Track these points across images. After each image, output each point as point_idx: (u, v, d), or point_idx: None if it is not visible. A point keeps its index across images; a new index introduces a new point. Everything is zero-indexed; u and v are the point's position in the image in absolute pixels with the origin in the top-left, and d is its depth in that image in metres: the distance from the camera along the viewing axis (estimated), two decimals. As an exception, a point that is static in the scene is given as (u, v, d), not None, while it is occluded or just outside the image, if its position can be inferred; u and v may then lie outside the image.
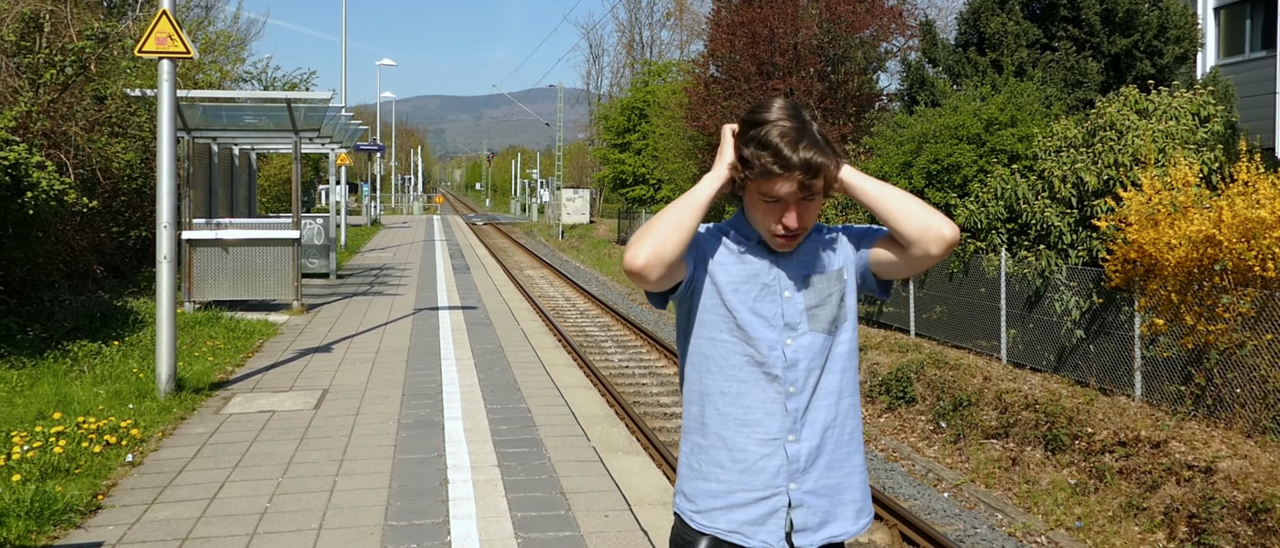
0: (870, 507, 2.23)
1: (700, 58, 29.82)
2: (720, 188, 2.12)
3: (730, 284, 2.17)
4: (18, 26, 12.49)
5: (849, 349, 2.20)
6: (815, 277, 2.17)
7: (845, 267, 2.20)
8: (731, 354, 2.16)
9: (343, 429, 7.29)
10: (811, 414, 2.14)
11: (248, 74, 30.60)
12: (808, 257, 2.19)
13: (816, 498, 2.14)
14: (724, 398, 2.16)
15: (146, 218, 16.11)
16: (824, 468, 2.15)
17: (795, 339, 2.14)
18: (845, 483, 2.18)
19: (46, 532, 5.11)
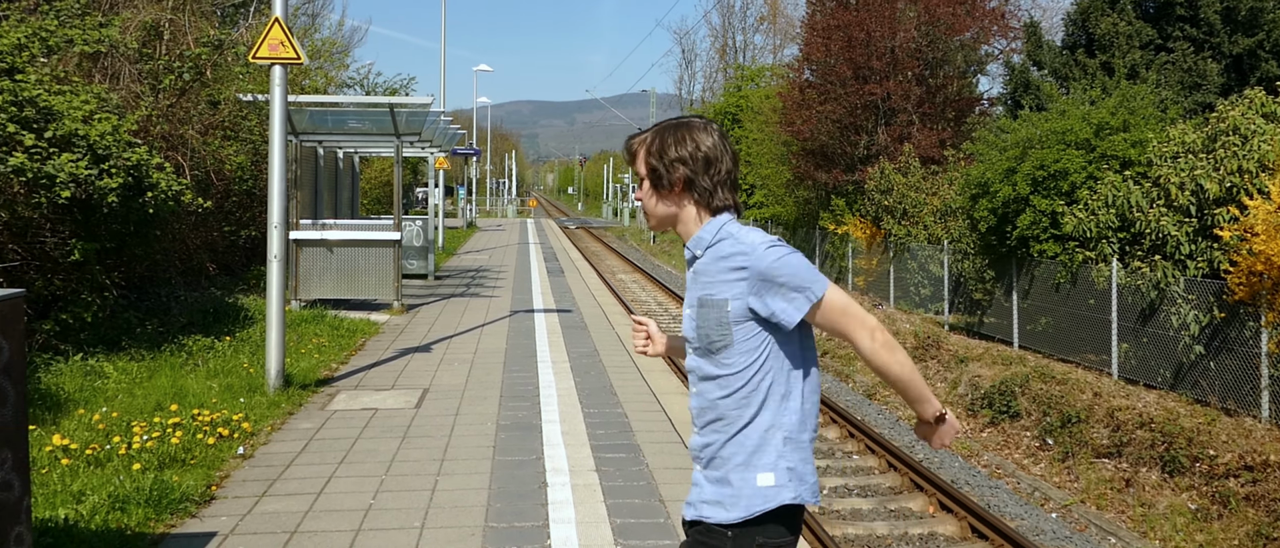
0: (732, 516, 2.33)
1: (795, 62, 29.51)
2: None
3: None
4: (140, 34, 13.06)
5: (744, 379, 2.35)
6: (701, 303, 2.41)
7: (733, 300, 2.34)
8: None
9: (443, 429, 7.38)
10: (698, 419, 2.44)
11: (351, 80, 31.49)
12: (704, 280, 2.40)
13: (697, 488, 2.45)
14: None
15: (256, 218, 16.66)
16: (708, 467, 2.41)
17: (691, 352, 2.46)
18: (720, 491, 2.38)
19: (164, 520, 5.28)
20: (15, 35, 9.18)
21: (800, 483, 2.36)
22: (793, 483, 2.35)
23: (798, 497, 2.35)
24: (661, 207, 2.47)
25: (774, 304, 2.30)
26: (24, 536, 3.92)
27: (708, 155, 2.41)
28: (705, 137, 2.43)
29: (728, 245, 2.37)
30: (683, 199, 2.43)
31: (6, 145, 8.02)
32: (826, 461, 10.35)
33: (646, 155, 2.45)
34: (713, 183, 2.41)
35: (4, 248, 8.59)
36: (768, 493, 2.33)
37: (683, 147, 2.41)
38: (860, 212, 22.37)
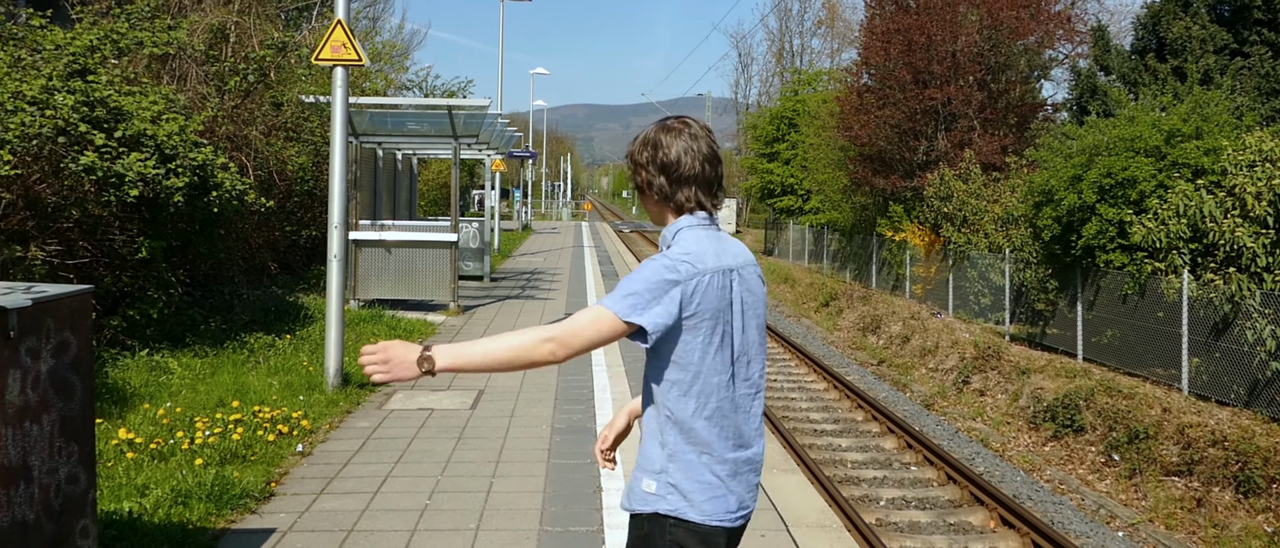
0: (635, 503, 2.46)
1: (853, 66, 29.17)
2: None
3: None
4: (207, 37, 13.32)
5: (656, 374, 2.43)
6: None
7: None
8: None
9: (498, 431, 7.38)
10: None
11: (410, 82, 31.87)
12: None
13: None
14: None
15: (316, 218, 16.91)
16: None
17: None
18: (635, 472, 2.50)
19: (225, 515, 5.34)
20: (87, 37, 9.40)
21: (685, 500, 2.39)
22: (671, 497, 2.41)
23: (676, 511, 2.39)
24: (650, 207, 2.57)
25: None
26: (89, 528, 3.97)
27: (667, 159, 2.47)
28: (674, 141, 2.49)
29: (673, 248, 2.45)
30: (649, 199, 2.55)
31: (78, 145, 8.21)
32: (884, 471, 10.18)
33: (629, 161, 2.57)
34: (673, 185, 2.48)
35: (75, 245, 8.79)
36: (647, 499, 2.43)
37: (646, 151, 2.51)
38: (919, 219, 22.04)
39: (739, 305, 2.45)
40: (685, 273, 2.36)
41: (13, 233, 8.04)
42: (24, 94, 7.76)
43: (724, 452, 2.42)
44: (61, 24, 10.56)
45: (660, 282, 2.34)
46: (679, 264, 2.36)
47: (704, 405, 2.40)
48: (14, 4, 11.50)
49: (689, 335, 2.37)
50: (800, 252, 33.79)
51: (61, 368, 3.69)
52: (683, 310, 2.35)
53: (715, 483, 2.40)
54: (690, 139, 2.49)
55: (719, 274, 2.41)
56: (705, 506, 2.39)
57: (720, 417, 2.41)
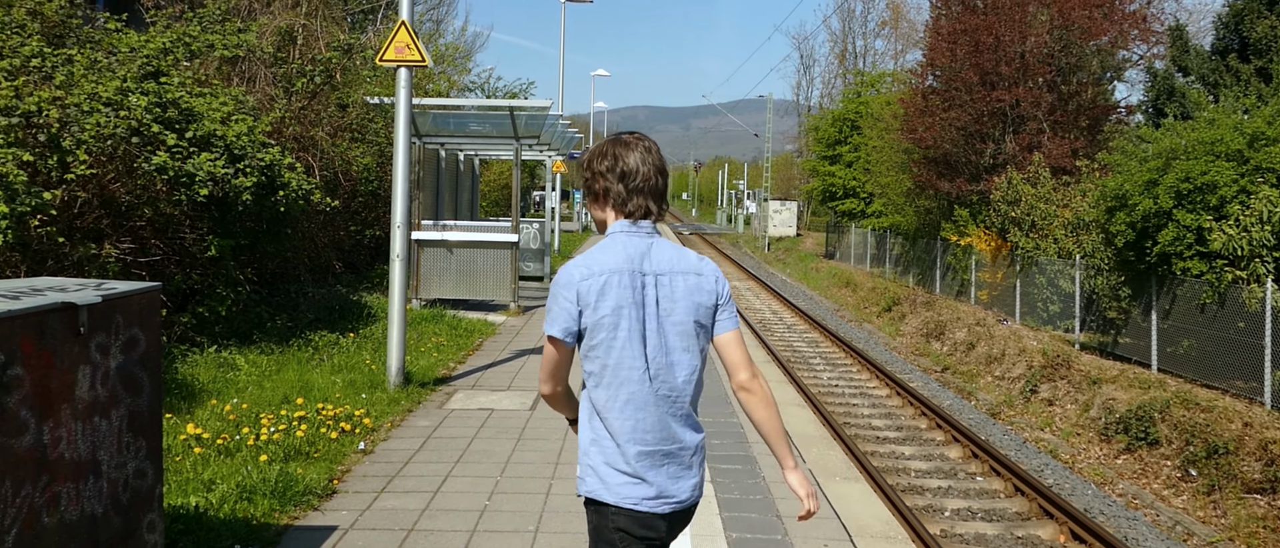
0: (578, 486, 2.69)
1: (917, 67, 28.71)
2: None
3: None
4: (275, 39, 13.55)
5: (584, 368, 2.69)
6: None
7: None
8: None
9: (557, 432, 7.35)
10: None
11: (472, 84, 32.19)
12: None
13: None
14: None
15: (380, 218, 17.12)
16: None
17: None
18: None
19: (288, 512, 5.38)
20: (161, 40, 9.61)
21: (600, 483, 2.61)
22: (589, 479, 2.64)
23: (592, 493, 2.62)
24: (595, 211, 2.78)
25: None
26: (155, 522, 4.02)
27: (625, 168, 2.69)
28: (630, 153, 2.71)
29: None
30: (605, 206, 2.73)
31: (151, 145, 8.38)
32: (948, 481, 9.95)
33: (582, 169, 2.79)
34: (630, 192, 2.69)
35: (147, 243, 8.97)
36: (578, 482, 2.69)
37: (606, 161, 2.72)
38: (985, 223, 21.58)
39: (654, 307, 2.62)
40: (579, 276, 2.60)
41: (88, 231, 8.23)
42: (100, 95, 7.94)
43: (638, 442, 2.59)
44: (136, 27, 10.82)
45: (557, 295, 2.61)
46: (576, 270, 2.61)
47: (616, 396, 2.60)
48: (92, 7, 11.82)
49: (594, 332, 2.59)
50: (862, 255, 33.37)
51: (130, 364, 3.73)
52: (582, 310, 2.59)
53: (628, 469, 2.59)
54: (644, 152, 2.72)
55: (622, 274, 2.60)
56: (620, 489, 2.59)
57: (634, 409, 2.60)
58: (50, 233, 7.15)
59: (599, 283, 2.59)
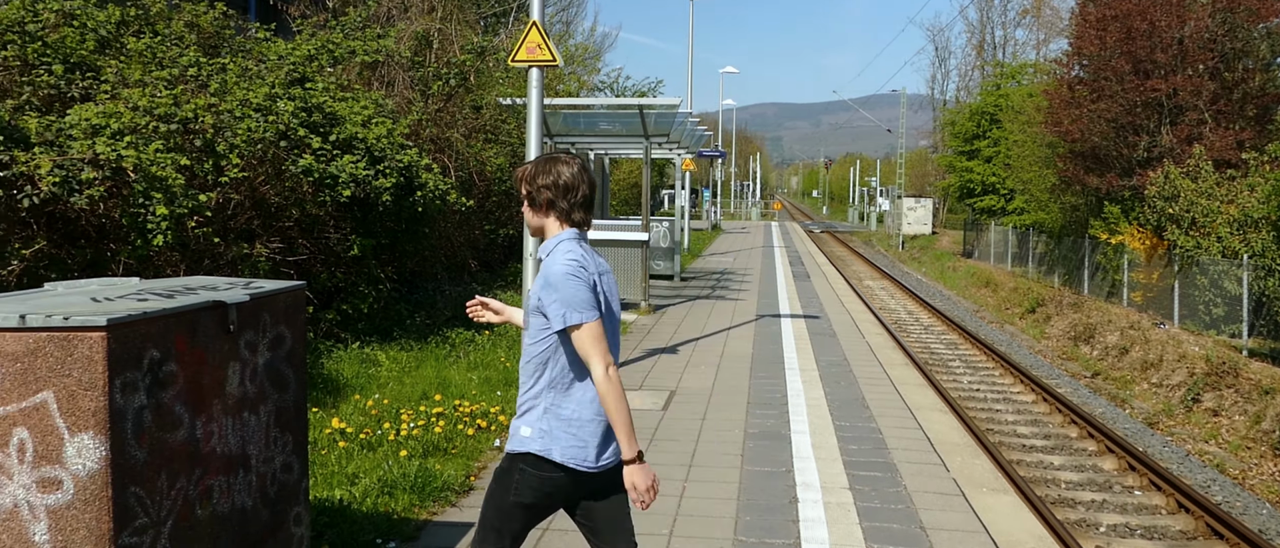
0: (510, 447, 3.19)
1: (1063, 57, 27.41)
2: None
3: None
4: (412, 44, 13.92)
5: (531, 354, 3.17)
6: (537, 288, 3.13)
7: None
8: None
9: (690, 433, 7.25)
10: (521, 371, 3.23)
11: (602, 84, 32.46)
12: (542, 274, 3.12)
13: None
14: None
15: (513, 217, 17.39)
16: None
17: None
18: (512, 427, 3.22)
19: (427, 507, 5.45)
20: (306, 47, 9.97)
21: (551, 443, 3.09)
22: (540, 440, 3.10)
23: (546, 451, 3.08)
24: (535, 219, 3.21)
25: (547, 307, 3.06)
26: (302, 515, 4.10)
27: (565, 183, 3.14)
28: (568, 168, 3.16)
29: (556, 255, 3.11)
30: (547, 215, 3.18)
31: (297, 148, 8.69)
32: (1103, 494, 9.39)
33: (525, 182, 3.19)
34: (569, 205, 3.16)
35: (295, 242, 9.32)
36: (523, 440, 3.13)
37: (549, 175, 3.14)
38: (1139, 220, 20.41)
39: (606, 300, 3.13)
40: (593, 271, 3.10)
41: (241, 231, 8.59)
42: (250, 101, 8.27)
43: (600, 416, 3.12)
44: (283, 36, 11.27)
45: (583, 286, 3.03)
46: (587, 265, 3.08)
47: (570, 379, 3.13)
48: (244, 18, 12.38)
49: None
50: (1002, 254, 32.10)
51: (277, 361, 3.81)
52: (599, 300, 3.07)
53: (590, 440, 3.12)
54: (580, 169, 3.18)
55: (598, 276, 3.12)
56: (567, 450, 3.09)
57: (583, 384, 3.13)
58: (206, 233, 7.48)
59: (604, 281, 3.15)
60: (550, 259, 3.11)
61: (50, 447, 2.90)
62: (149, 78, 7.78)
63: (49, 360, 2.87)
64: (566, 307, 3.01)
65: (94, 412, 2.87)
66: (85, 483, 2.89)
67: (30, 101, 7.13)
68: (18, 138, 6.31)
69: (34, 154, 6.14)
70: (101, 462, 2.88)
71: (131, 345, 2.97)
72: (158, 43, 8.68)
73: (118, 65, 7.83)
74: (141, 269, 7.24)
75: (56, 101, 7.43)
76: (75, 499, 2.89)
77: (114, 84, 7.63)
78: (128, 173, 6.50)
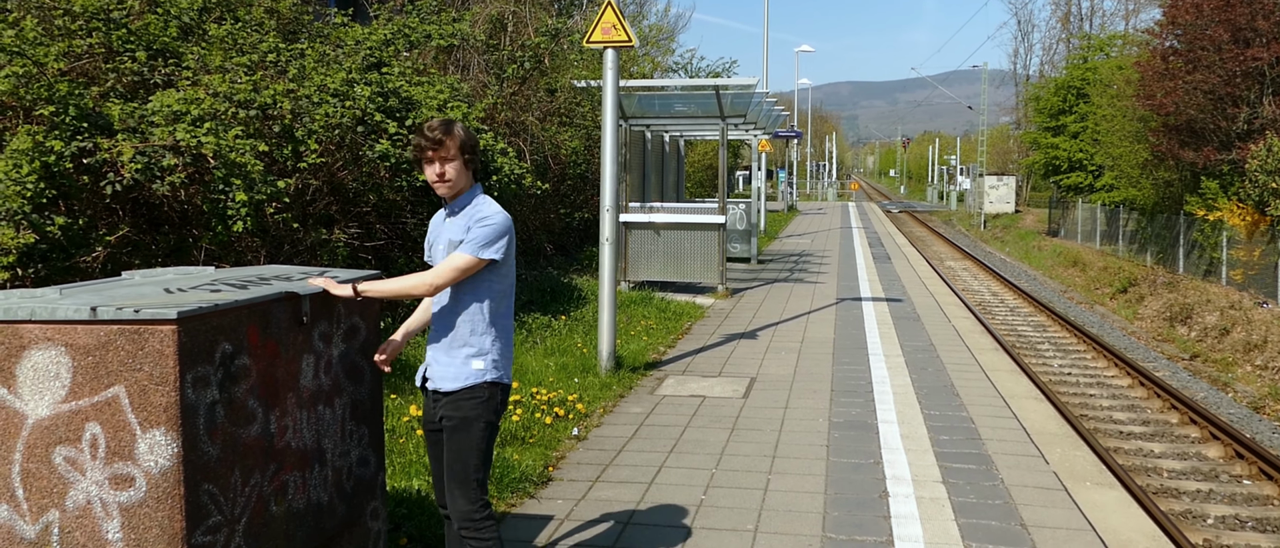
0: (469, 379, 3.59)
1: (1155, 27, 26.19)
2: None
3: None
4: (487, 27, 13.86)
5: (489, 288, 3.61)
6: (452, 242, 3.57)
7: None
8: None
9: (772, 422, 7.03)
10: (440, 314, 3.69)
11: (676, 65, 32.12)
12: (458, 225, 3.57)
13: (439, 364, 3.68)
14: None
15: (588, 200, 17.30)
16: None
17: None
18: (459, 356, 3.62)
19: (505, 499, 5.34)
20: (382, 32, 9.93)
21: (502, 370, 3.63)
22: (500, 369, 3.62)
23: (501, 377, 3.62)
24: (462, 178, 3.56)
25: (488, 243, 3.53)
26: (379, 510, 4.01)
27: (478, 145, 3.65)
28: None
29: (480, 207, 3.57)
30: (470, 173, 3.60)
31: (374, 133, 8.66)
32: (1208, 483, 8.91)
33: (459, 143, 3.53)
34: (479, 163, 3.69)
35: (373, 228, 9.32)
36: (480, 373, 3.58)
37: (472, 139, 3.59)
38: (1239, 195, 19.42)
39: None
40: (507, 223, 3.56)
41: (320, 216, 8.61)
42: (328, 87, 8.25)
43: (511, 337, 3.71)
44: (360, 20, 11.27)
45: (506, 229, 3.53)
46: (505, 218, 3.55)
47: (509, 307, 3.67)
48: (323, 4, 12.43)
49: (509, 258, 3.58)
50: (1090, 232, 30.99)
51: (352, 352, 3.71)
52: (509, 245, 3.57)
53: (511, 357, 3.71)
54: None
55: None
56: (507, 372, 3.65)
57: (510, 314, 3.69)
58: (286, 219, 7.49)
59: (510, 227, 3.60)
60: (489, 207, 3.57)
61: (123, 443, 2.82)
62: (229, 64, 7.81)
63: (120, 354, 2.79)
64: (479, 240, 3.50)
65: (165, 407, 2.78)
66: (157, 480, 2.81)
67: (115, 88, 7.20)
68: (101, 125, 6.36)
69: (117, 141, 6.18)
70: (173, 458, 2.80)
71: (203, 339, 2.87)
72: (238, 29, 8.72)
73: (199, 52, 7.88)
74: (223, 255, 7.28)
75: (140, 88, 7.50)
76: (148, 497, 2.82)
77: (195, 70, 7.67)
78: (208, 159, 6.51)
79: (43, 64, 6.21)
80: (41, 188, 5.63)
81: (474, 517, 3.54)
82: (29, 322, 2.84)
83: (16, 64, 6.00)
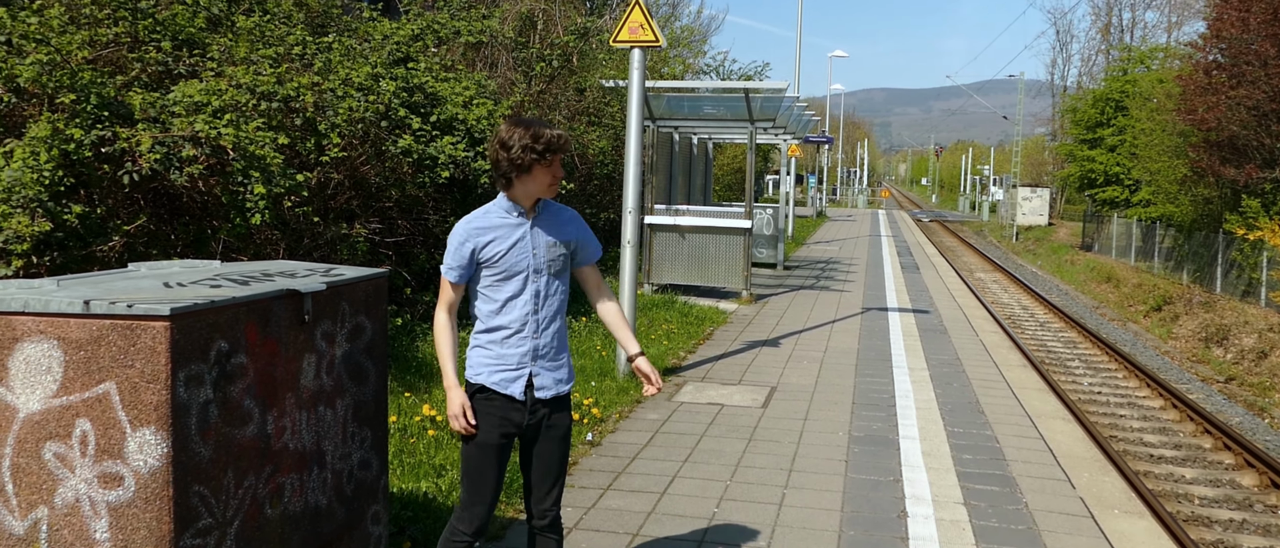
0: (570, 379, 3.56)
1: (1199, 40, 25.72)
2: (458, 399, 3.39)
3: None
4: (516, 24, 13.80)
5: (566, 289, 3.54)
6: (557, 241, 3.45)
7: (574, 243, 3.52)
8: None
9: (790, 434, 6.89)
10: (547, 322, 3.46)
11: (707, 67, 31.94)
12: (551, 225, 3.45)
13: (549, 371, 3.48)
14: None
15: (614, 201, 17.19)
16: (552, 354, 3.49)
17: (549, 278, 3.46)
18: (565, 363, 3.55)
19: (515, 504, 5.23)
20: (410, 27, 9.88)
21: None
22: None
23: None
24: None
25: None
26: (380, 514, 3.92)
27: None
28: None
29: (562, 210, 3.54)
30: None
31: (398, 128, 8.60)
32: (1242, 513, 8.65)
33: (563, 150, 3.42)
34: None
35: (395, 223, 9.26)
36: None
37: None
38: (1280, 215, 19.02)
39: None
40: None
41: (341, 211, 8.56)
42: (352, 80, 8.20)
43: None
44: (391, 16, 11.24)
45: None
46: None
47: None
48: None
49: None
50: (1125, 248, 30.49)
51: (356, 352, 3.62)
52: None
53: None
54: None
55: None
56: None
57: None
58: (306, 212, 7.44)
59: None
60: (564, 209, 3.52)
61: (112, 441, 2.74)
62: (255, 56, 7.77)
63: (112, 350, 2.71)
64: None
65: (156, 406, 2.70)
66: (146, 480, 2.73)
67: (139, 78, 7.18)
68: (122, 114, 6.33)
69: (135, 130, 6.14)
70: (163, 459, 2.71)
71: (197, 336, 2.79)
72: (266, 22, 8.69)
73: (225, 43, 7.85)
74: (242, 247, 7.23)
75: (165, 78, 7.48)
76: (136, 497, 2.74)
77: (220, 61, 7.64)
78: (227, 151, 6.47)
79: (66, 52, 6.18)
80: (59, 176, 5.60)
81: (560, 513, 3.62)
82: (22, 313, 2.77)
83: (41, 52, 5.98)
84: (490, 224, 3.36)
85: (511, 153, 3.26)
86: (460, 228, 3.36)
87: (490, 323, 3.42)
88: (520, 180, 3.31)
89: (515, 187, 3.33)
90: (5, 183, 5.33)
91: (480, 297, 3.45)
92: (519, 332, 3.39)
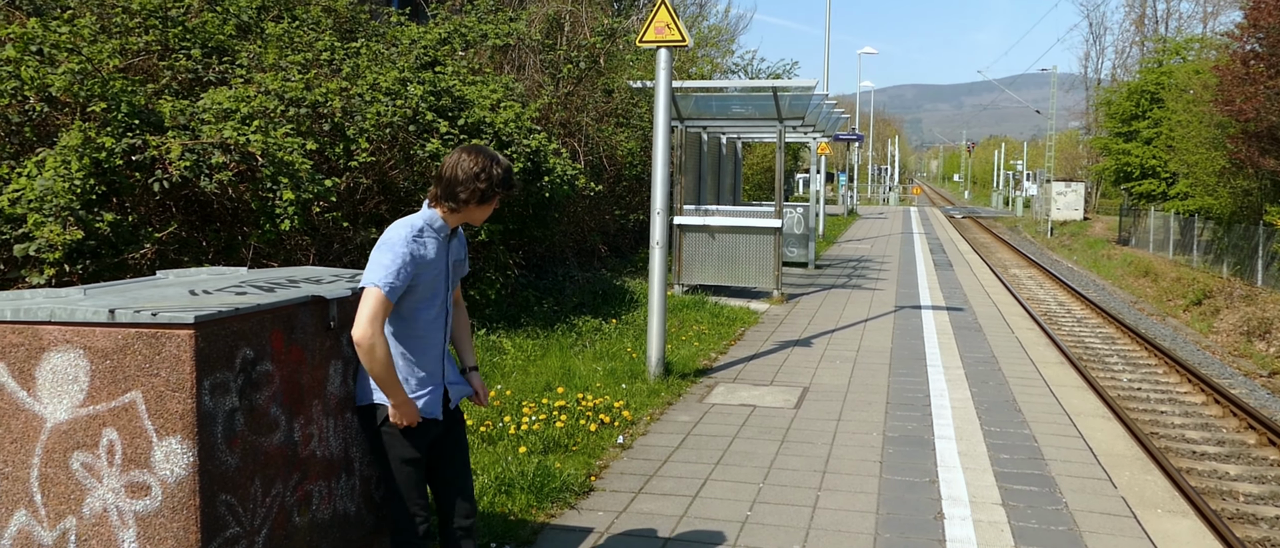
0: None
1: (1236, 29, 25.23)
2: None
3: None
4: (543, 26, 13.79)
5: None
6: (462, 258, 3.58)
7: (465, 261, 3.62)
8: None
9: (824, 435, 6.80)
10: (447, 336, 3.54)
11: (735, 66, 31.82)
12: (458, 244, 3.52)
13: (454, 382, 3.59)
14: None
15: (643, 202, 17.14)
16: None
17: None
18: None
19: (544, 509, 5.20)
20: (438, 31, 9.90)
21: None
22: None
23: None
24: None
25: None
26: (411, 520, 3.89)
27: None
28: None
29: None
30: None
31: (426, 132, 8.60)
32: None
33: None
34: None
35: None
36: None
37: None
38: (1324, 205, 18.61)
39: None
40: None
41: (370, 216, 8.58)
42: (380, 85, 8.22)
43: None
44: (418, 20, 11.26)
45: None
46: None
47: None
48: (385, 3, 12.46)
49: None
50: (1162, 242, 30.00)
51: (383, 358, 3.59)
52: None
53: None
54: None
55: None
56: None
57: None
58: (335, 218, 7.46)
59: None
60: None
61: (139, 450, 2.73)
62: (284, 62, 7.80)
63: (138, 358, 2.70)
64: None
65: (181, 415, 2.68)
66: (173, 490, 2.71)
67: (169, 86, 7.23)
68: (153, 122, 6.37)
69: (166, 138, 6.18)
70: (189, 468, 2.70)
71: (222, 344, 2.77)
72: (295, 28, 8.73)
73: (254, 49, 7.89)
74: (273, 253, 7.27)
75: (195, 85, 7.53)
76: (163, 507, 2.72)
77: (249, 68, 7.68)
78: (256, 157, 6.49)
79: (98, 61, 6.23)
80: (91, 184, 5.64)
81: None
82: (49, 323, 2.77)
83: (72, 61, 6.03)
84: (424, 242, 3.30)
85: (482, 183, 3.28)
86: (401, 247, 3.20)
87: (406, 343, 3.35)
88: (472, 209, 3.35)
89: (462, 212, 3.35)
90: (37, 191, 5.37)
91: (395, 316, 3.31)
92: (433, 350, 3.41)
